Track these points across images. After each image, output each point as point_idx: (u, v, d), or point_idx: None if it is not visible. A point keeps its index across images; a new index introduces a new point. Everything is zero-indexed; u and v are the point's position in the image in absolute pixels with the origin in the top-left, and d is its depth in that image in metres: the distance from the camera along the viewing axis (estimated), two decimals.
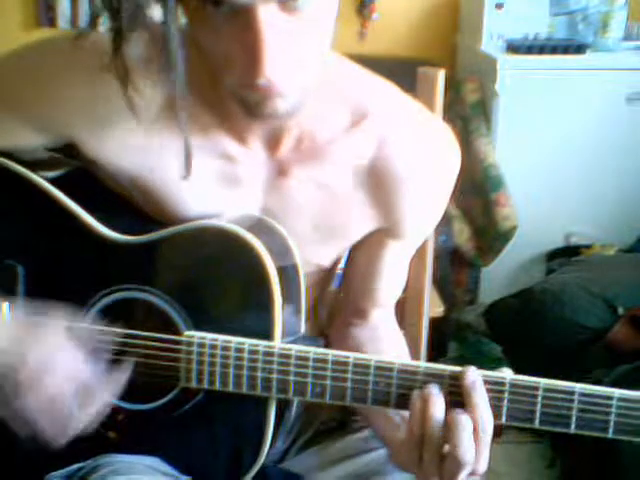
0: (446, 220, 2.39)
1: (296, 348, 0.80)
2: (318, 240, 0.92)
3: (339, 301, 1.04)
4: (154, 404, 0.86)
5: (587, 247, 2.49)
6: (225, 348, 0.81)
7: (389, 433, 0.87)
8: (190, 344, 0.83)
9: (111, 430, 0.88)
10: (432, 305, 1.50)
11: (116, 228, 0.87)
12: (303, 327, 0.87)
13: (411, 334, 1.26)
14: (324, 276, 1.01)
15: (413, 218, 0.92)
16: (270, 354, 0.81)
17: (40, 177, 0.88)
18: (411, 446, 0.78)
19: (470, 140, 2.39)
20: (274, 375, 0.81)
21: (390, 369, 0.79)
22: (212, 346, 0.82)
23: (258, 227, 0.86)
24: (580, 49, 2.40)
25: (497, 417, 0.77)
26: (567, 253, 2.47)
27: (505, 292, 2.36)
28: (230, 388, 0.82)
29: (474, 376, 0.76)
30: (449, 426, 0.75)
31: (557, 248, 2.53)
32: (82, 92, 0.83)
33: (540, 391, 0.76)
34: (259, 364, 0.81)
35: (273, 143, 0.87)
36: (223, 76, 0.74)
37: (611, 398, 0.75)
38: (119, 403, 0.86)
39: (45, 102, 0.84)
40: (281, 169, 0.88)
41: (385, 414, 0.88)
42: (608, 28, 2.45)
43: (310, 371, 0.80)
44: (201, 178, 0.86)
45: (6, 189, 0.89)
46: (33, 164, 0.90)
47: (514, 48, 2.41)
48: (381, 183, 0.89)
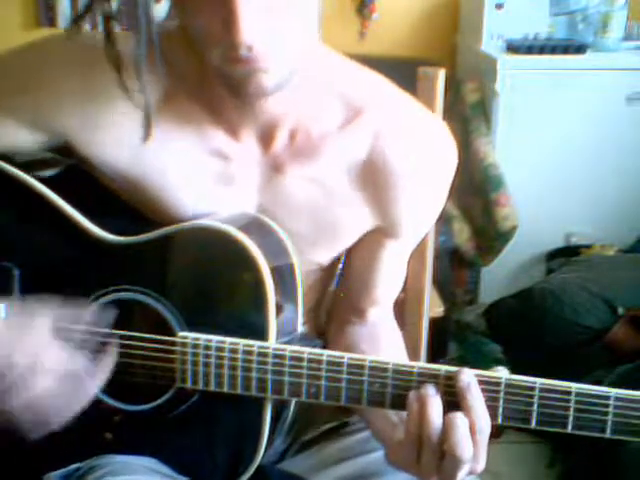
0: (446, 220, 2.39)
1: (290, 349, 0.80)
2: (315, 238, 0.91)
3: (337, 299, 1.04)
4: (150, 405, 0.86)
5: (587, 247, 2.48)
6: (219, 349, 0.81)
7: (386, 432, 0.86)
8: (184, 345, 0.82)
9: (108, 431, 0.87)
10: (432, 305, 1.50)
11: (110, 229, 0.87)
12: (300, 327, 0.87)
13: (411, 334, 1.26)
14: (324, 276, 1.00)
15: (410, 216, 0.92)
16: (264, 355, 0.80)
17: (34, 178, 0.88)
18: (409, 446, 0.77)
19: (470, 140, 2.39)
20: (269, 376, 0.80)
21: (385, 369, 0.78)
22: (206, 347, 0.82)
23: (253, 226, 0.86)
24: (580, 49, 2.40)
25: (493, 418, 0.77)
26: (567, 253, 2.47)
27: (505, 292, 2.36)
28: (225, 389, 0.82)
29: (468, 378, 0.76)
30: (446, 426, 0.75)
31: (557, 248, 2.53)
32: (76, 91, 0.83)
33: (536, 391, 0.75)
34: (253, 365, 0.80)
35: (267, 139, 0.86)
36: (209, 55, 0.75)
37: (608, 398, 0.74)
38: (115, 404, 0.86)
39: (39, 101, 0.84)
40: (275, 166, 0.88)
41: (382, 413, 0.88)
42: (608, 28, 2.45)
43: (305, 371, 0.80)
44: (196, 176, 0.86)
45: (1, 191, 0.89)
46: (28, 164, 0.90)
47: (514, 48, 2.41)
48: (377, 180, 0.89)
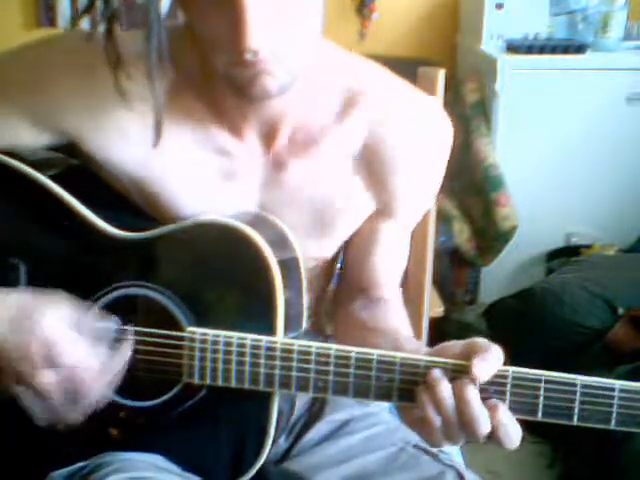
0: (446, 220, 2.39)
1: (298, 343, 0.80)
2: (318, 232, 0.92)
3: (341, 284, 1.03)
4: (157, 401, 0.86)
5: (587, 247, 2.49)
6: (227, 343, 0.81)
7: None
8: (192, 340, 0.83)
9: (113, 427, 0.88)
10: (432, 305, 1.51)
11: (117, 225, 0.87)
12: (305, 322, 0.88)
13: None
14: (325, 272, 1.01)
15: (405, 195, 0.93)
16: (272, 349, 0.80)
17: (41, 174, 0.88)
18: (434, 431, 0.76)
19: (470, 140, 2.39)
20: (276, 370, 0.81)
21: (392, 363, 0.78)
22: (214, 342, 0.82)
23: (258, 222, 0.86)
24: (580, 49, 2.40)
25: None
26: (567, 253, 2.47)
27: (505, 292, 2.35)
28: (232, 383, 0.82)
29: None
30: (459, 402, 0.74)
31: (557, 248, 2.53)
32: (83, 90, 0.84)
33: (542, 383, 0.76)
34: (261, 359, 0.81)
35: (269, 137, 0.87)
36: (214, 57, 0.75)
37: (613, 389, 0.75)
38: (121, 400, 0.87)
39: (46, 101, 0.85)
40: (278, 163, 0.88)
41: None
42: (608, 28, 2.45)
43: (312, 366, 0.80)
44: (199, 174, 0.87)
45: (8, 187, 0.89)
46: (34, 163, 0.90)
47: (514, 48, 2.41)
48: (374, 162, 0.90)
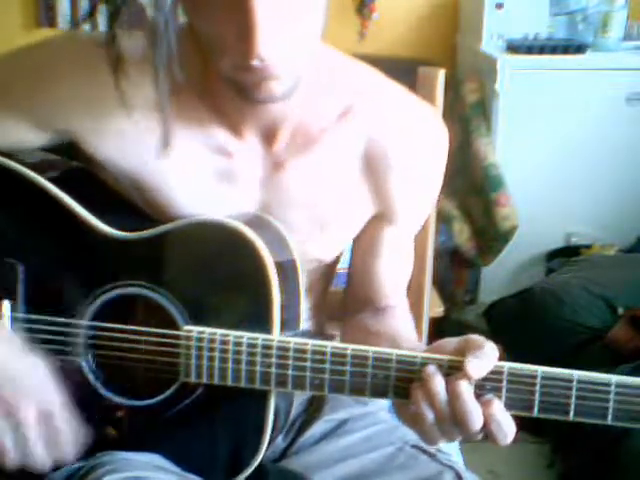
0: (446, 220, 2.39)
1: (295, 341, 0.80)
2: (318, 234, 0.92)
3: (348, 293, 1.04)
4: (154, 400, 0.86)
5: (587, 247, 2.49)
6: (223, 342, 0.81)
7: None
8: (189, 339, 0.83)
9: (111, 427, 0.88)
10: (432, 305, 1.51)
11: (115, 225, 0.87)
12: (302, 322, 0.88)
13: None
14: (325, 274, 1.01)
15: (406, 201, 0.94)
16: (269, 347, 0.81)
17: (39, 175, 0.88)
18: (428, 427, 0.76)
19: (470, 140, 2.39)
20: (273, 369, 0.81)
21: (388, 360, 0.78)
22: (210, 340, 0.82)
23: (256, 222, 0.86)
24: (580, 49, 2.40)
25: None
26: (567, 253, 2.47)
27: (505, 292, 2.36)
28: (229, 382, 0.82)
29: (477, 375, 0.75)
30: (452, 396, 0.74)
31: (557, 248, 2.53)
32: (81, 89, 0.83)
33: (538, 379, 0.76)
34: (258, 358, 0.81)
35: (269, 138, 0.87)
36: (219, 61, 0.74)
37: (609, 384, 0.75)
38: (119, 399, 0.87)
39: (44, 99, 0.85)
40: (278, 163, 0.88)
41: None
42: (608, 28, 2.45)
43: (308, 364, 0.80)
44: (198, 173, 0.87)
45: (6, 188, 0.89)
46: (33, 165, 0.90)
47: (514, 48, 2.41)
48: (374, 168, 0.90)
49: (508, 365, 0.76)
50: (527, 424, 0.78)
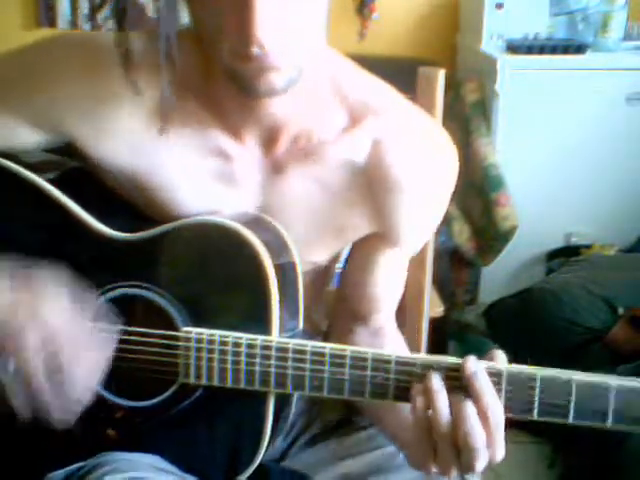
0: (446, 220, 2.38)
1: (293, 342, 0.80)
2: (314, 238, 0.92)
3: (338, 307, 1.04)
4: (153, 401, 0.86)
5: (587, 247, 2.48)
6: (223, 343, 0.82)
7: (402, 434, 0.86)
8: (188, 340, 0.83)
9: (110, 428, 0.88)
10: (432, 305, 1.50)
11: (114, 226, 0.87)
12: (301, 324, 0.87)
13: (411, 334, 1.26)
14: (320, 275, 1.01)
15: (408, 225, 0.92)
16: (268, 348, 0.81)
17: (39, 176, 0.88)
18: (423, 442, 0.77)
19: (470, 140, 2.39)
20: (272, 369, 0.81)
21: (387, 361, 0.78)
22: (210, 341, 0.82)
23: (255, 223, 0.86)
24: (580, 49, 2.40)
25: None
26: (567, 253, 2.47)
27: (505, 292, 2.35)
28: (228, 383, 0.82)
29: (475, 366, 0.76)
30: (455, 417, 0.74)
31: (557, 248, 2.53)
32: (81, 89, 0.83)
33: (538, 381, 0.75)
34: (257, 359, 0.81)
35: (269, 141, 0.87)
36: (220, 51, 0.74)
37: (608, 387, 0.75)
38: (118, 400, 0.87)
39: (44, 99, 0.85)
40: (277, 167, 0.88)
41: (396, 416, 0.87)
42: (608, 28, 2.45)
43: (308, 365, 0.80)
44: (197, 176, 0.87)
45: (5, 188, 0.89)
46: (31, 165, 0.90)
47: (514, 48, 2.41)
48: (376, 186, 0.89)
49: (507, 368, 0.76)
50: (528, 424, 0.78)
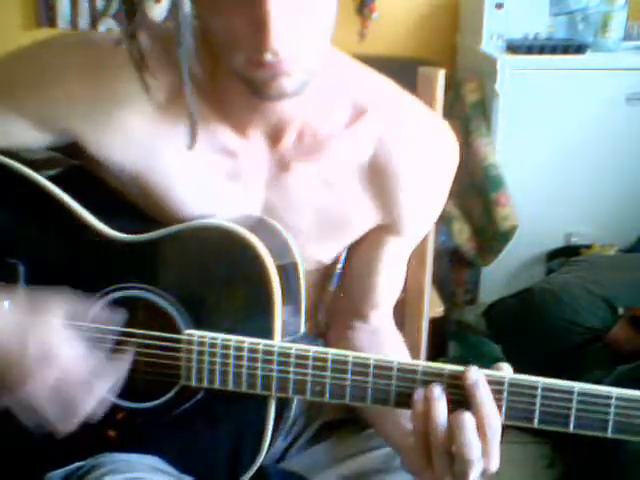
0: (446, 220, 2.39)
1: (296, 347, 0.80)
2: (319, 236, 0.92)
3: (338, 303, 1.04)
4: (154, 402, 0.86)
5: (587, 247, 2.48)
6: (225, 347, 0.82)
7: (399, 440, 0.86)
8: (190, 342, 0.83)
9: (111, 429, 0.88)
10: (432, 305, 1.50)
11: (117, 227, 0.87)
12: (303, 327, 0.87)
13: (411, 334, 1.26)
14: (323, 275, 1.01)
15: (412, 214, 0.93)
16: (270, 352, 0.81)
17: (41, 176, 0.88)
18: (419, 449, 0.77)
19: (470, 140, 2.39)
20: (274, 374, 0.81)
21: (389, 368, 0.79)
22: (212, 345, 0.82)
23: (258, 226, 0.86)
24: (580, 49, 2.40)
25: None
26: (567, 253, 2.47)
27: (505, 292, 2.36)
28: (230, 387, 0.82)
29: (476, 375, 0.76)
30: (453, 427, 0.74)
31: (557, 248, 2.53)
32: (84, 89, 0.83)
33: (539, 390, 0.76)
34: (259, 363, 0.81)
35: (275, 137, 0.87)
36: (231, 57, 0.74)
37: (609, 397, 0.74)
38: (119, 401, 0.86)
39: (47, 99, 0.85)
40: (282, 164, 0.88)
41: (393, 421, 0.88)
42: (608, 28, 2.45)
43: (310, 370, 0.80)
44: (203, 173, 0.87)
45: (7, 187, 0.89)
46: (34, 164, 0.90)
47: (514, 48, 2.41)
48: (381, 179, 0.90)
49: (509, 376, 0.76)
50: None
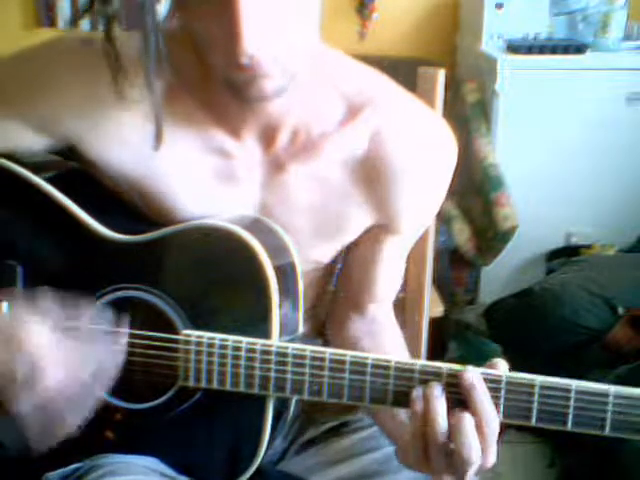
0: (446, 220, 2.39)
1: (293, 346, 0.80)
2: (316, 236, 0.92)
3: (337, 297, 1.04)
4: (152, 403, 0.86)
5: (587, 247, 2.48)
6: (222, 347, 0.82)
7: (396, 433, 0.86)
8: (188, 343, 0.83)
9: (109, 429, 0.88)
10: (432, 305, 1.50)
11: (115, 228, 0.87)
12: (301, 327, 0.87)
13: (411, 334, 1.26)
14: (322, 275, 1.00)
15: (409, 212, 0.92)
16: (267, 352, 0.81)
17: (39, 177, 0.88)
18: (417, 446, 0.77)
19: (470, 140, 2.39)
20: (271, 373, 0.81)
21: (387, 367, 0.78)
22: (209, 345, 0.82)
23: (255, 226, 0.86)
24: (580, 49, 2.39)
25: None
26: (567, 253, 2.47)
27: (505, 292, 2.35)
28: (228, 387, 0.82)
29: (473, 376, 0.76)
30: (452, 427, 0.74)
31: (557, 248, 2.53)
32: (81, 92, 0.83)
33: (537, 388, 0.76)
34: (256, 363, 0.81)
35: (268, 138, 0.87)
36: (212, 60, 0.75)
37: (607, 395, 0.74)
38: (117, 402, 0.86)
39: (44, 102, 0.85)
40: (277, 164, 0.88)
41: (390, 413, 0.88)
42: (608, 28, 2.45)
43: (307, 370, 0.80)
44: (198, 176, 0.87)
45: (6, 189, 0.89)
46: (32, 166, 0.90)
47: (514, 48, 2.41)
48: (377, 177, 0.89)
49: (506, 374, 0.76)
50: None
